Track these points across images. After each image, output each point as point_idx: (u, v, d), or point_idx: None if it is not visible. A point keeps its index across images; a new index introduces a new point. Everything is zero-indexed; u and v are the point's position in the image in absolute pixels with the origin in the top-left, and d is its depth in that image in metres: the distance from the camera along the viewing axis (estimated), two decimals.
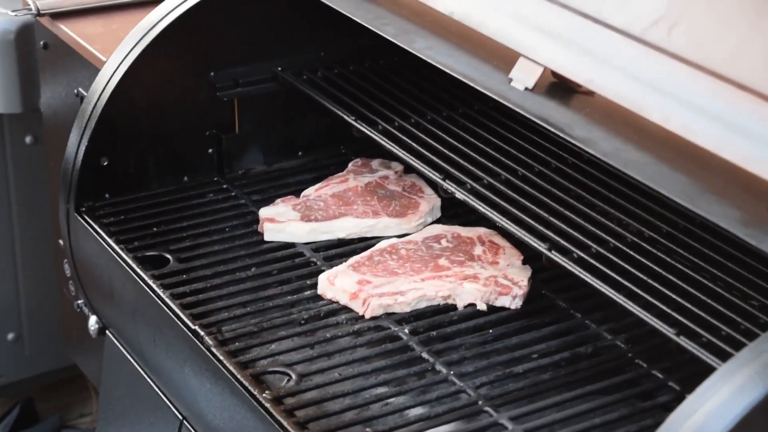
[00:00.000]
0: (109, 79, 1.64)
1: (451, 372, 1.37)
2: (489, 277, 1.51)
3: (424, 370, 1.39)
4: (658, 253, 1.31)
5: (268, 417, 1.28)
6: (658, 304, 1.20)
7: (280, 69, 1.76)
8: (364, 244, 1.60)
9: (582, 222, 1.39)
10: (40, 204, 2.41)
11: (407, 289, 1.47)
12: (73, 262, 1.70)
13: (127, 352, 1.66)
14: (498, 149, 1.57)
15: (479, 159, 1.54)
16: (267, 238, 1.61)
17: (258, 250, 1.60)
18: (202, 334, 1.39)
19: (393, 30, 1.52)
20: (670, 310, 1.19)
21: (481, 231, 1.60)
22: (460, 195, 1.47)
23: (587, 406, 1.29)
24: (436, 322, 1.46)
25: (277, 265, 1.57)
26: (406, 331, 1.44)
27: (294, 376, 1.37)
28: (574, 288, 1.41)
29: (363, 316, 1.46)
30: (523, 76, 1.33)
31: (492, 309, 1.48)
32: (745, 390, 0.89)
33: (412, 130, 1.61)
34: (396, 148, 1.59)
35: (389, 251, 1.55)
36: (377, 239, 1.61)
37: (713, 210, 1.10)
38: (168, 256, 1.57)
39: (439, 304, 1.48)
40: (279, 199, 1.68)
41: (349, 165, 1.77)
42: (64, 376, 2.71)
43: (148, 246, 1.59)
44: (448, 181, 1.50)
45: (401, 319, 1.46)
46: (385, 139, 1.61)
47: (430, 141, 1.59)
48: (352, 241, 1.62)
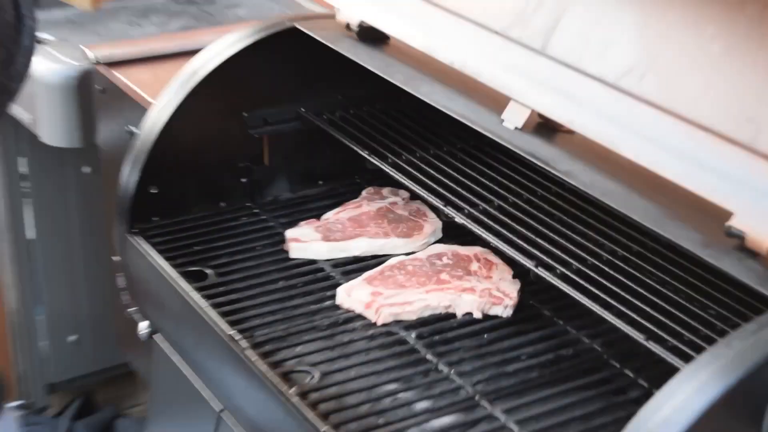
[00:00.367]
0: (157, 119, 1.64)
1: (452, 371, 1.37)
2: (484, 290, 1.50)
3: (428, 369, 1.38)
4: (630, 269, 1.30)
5: (295, 410, 1.27)
6: (630, 313, 1.19)
7: (303, 110, 1.74)
8: (376, 261, 1.59)
9: (564, 243, 1.37)
10: (97, 225, 2.41)
11: (414, 300, 1.47)
12: (126, 275, 1.69)
13: (172, 353, 1.64)
14: (491, 180, 1.56)
15: (475, 188, 1.53)
16: (292, 256, 1.60)
17: (285, 266, 1.59)
18: (238, 338, 1.39)
19: (402, 77, 1.52)
20: (640, 319, 1.18)
21: (477, 250, 1.59)
22: (459, 219, 1.46)
23: (568, 400, 1.29)
24: (439, 328, 1.45)
25: (302, 279, 1.56)
26: (413, 336, 1.43)
27: (317, 375, 1.37)
28: (557, 299, 1.41)
29: (375, 323, 1.46)
30: (513, 117, 1.34)
31: (486, 317, 1.48)
32: (705, 388, 0.90)
33: (417, 162, 1.61)
34: (403, 178, 1.58)
35: (398, 267, 1.55)
36: (387, 257, 1.60)
37: (678, 233, 1.12)
38: (207, 271, 1.56)
39: (441, 313, 1.48)
40: (302, 222, 1.66)
41: (363, 193, 1.76)
42: (118, 372, 2.69)
43: (190, 262, 1.59)
44: (448, 207, 1.49)
45: (408, 325, 1.45)
46: (393, 170, 1.59)
47: (432, 172, 1.58)
48: (366, 258, 1.61)
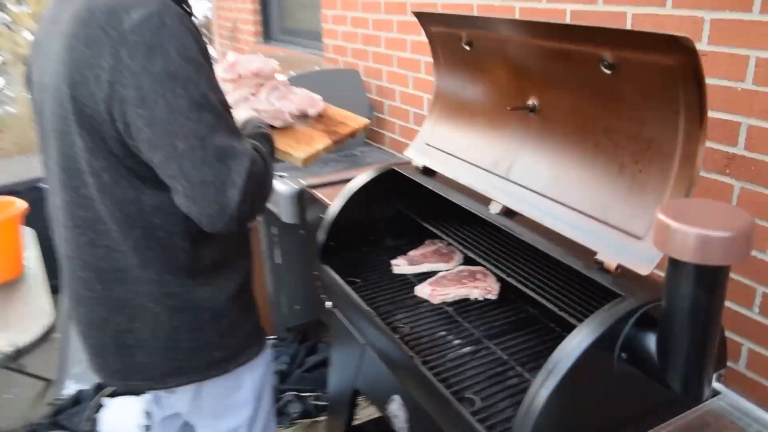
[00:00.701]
0: (332, 211, 1.70)
1: (469, 325, 1.43)
2: (483, 287, 1.57)
3: (458, 325, 1.44)
4: (550, 278, 1.32)
5: (396, 343, 1.30)
6: (552, 299, 1.24)
7: (399, 205, 1.78)
8: (432, 274, 1.63)
9: (519, 265, 1.40)
10: (303, 259, 2.68)
11: (450, 292, 1.55)
12: (321, 281, 1.68)
13: (341, 316, 1.63)
14: (484, 236, 1.59)
15: (477, 240, 1.58)
16: (395, 272, 1.67)
17: (391, 276, 1.65)
18: (368, 310, 1.45)
19: (442, 189, 1.55)
20: (556, 301, 1.22)
21: (479, 268, 1.63)
22: (470, 254, 1.51)
23: (524, 338, 1.37)
24: (463, 305, 1.51)
25: (398, 282, 1.62)
26: (450, 309, 1.50)
27: (407, 328, 1.41)
28: (518, 291, 1.37)
29: (433, 304, 1.52)
30: (494, 207, 1.40)
31: (485, 300, 1.55)
32: (588, 335, 0.96)
33: (448, 227, 1.64)
34: (443, 234, 1.63)
35: (442, 276, 1.61)
36: (438, 271, 1.65)
37: (573, 261, 1.16)
38: (356, 279, 1.62)
39: (463, 298, 1.54)
40: (399, 256, 1.72)
41: (426, 242, 1.79)
42: (318, 321, 2.80)
43: (350, 276, 1.62)
44: (465, 247, 1.54)
45: (448, 304, 1.52)
46: (441, 233, 1.65)
47: (457, 231, 1.62)
48: (428, 273, 1.65)
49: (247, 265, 1.36)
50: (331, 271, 1.63)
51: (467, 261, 1.67)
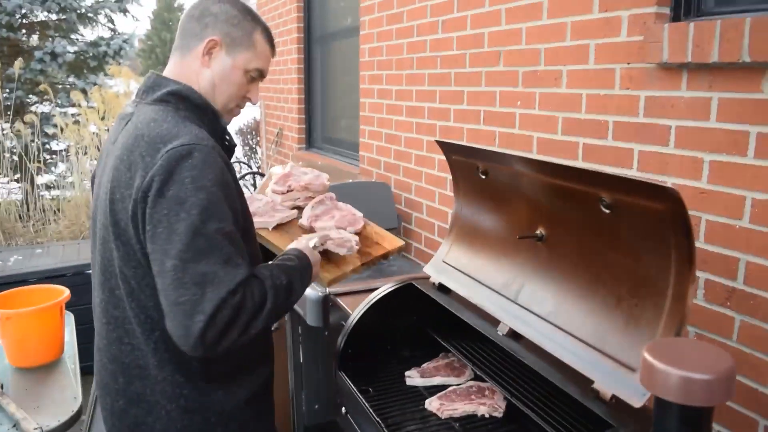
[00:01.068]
0: (352, 319, 1.74)
1: None
2: (490, 404, 1.57)
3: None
4: (554, 400, 1.35)
5: None
6: (555, 423, 1.24)
7: (416, 318, 1.80)
8: (444, 387, 1.63)
9: (524, 382, 1.42)
10: (324, 360, 2.50)
11: (458, 408, 1.55)
12: (336, 385, 1.69)
13: (355, 426, 1.61)
14: (493, 354, 1.62)
15: (486, 358, 1.62)
16: (408, 383, 1.69)
17: (404, 387, 1.66)
18: (378, 420, 1.46)
19: (456, 308, 1.58)
20: (558, 426, 1.22)
21: (487, 384, 1.64)
22: (478, 371, 1.57)
23: None
24: (470, 421, 1.50)
25: (410, 393, 1.63)
26: (457, 425, 1.51)
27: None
28: (525, 414, 1.35)
29: (441, 417, 1.52)
30: (502, 328, 1.42)
31: (491, 417, 1.53)
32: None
33: (460, 343, 1.69)
34: (454, 349, 1.68)
35: (452, 391, 1.62)
36: (449, 385, 1.66)
37: (570, 388, 1.18)
38: (371, 389, 1.64)
39: (470, 412, 1.55)
40: (413, 368, 1.73)
41: (440, 354, 1.81)
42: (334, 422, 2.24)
43: (365, 383, 1.64)
44: (474, 363, 1.60)
45: (455, 419, 1.53)
46: (450, 346, 1.70)
47: (468, 347, 1.67)
48: (440, 386, 1.66)
49: (266, 373, 1.37)
50: (347, 378, 1.64)
51: (477, 376, 1.67)
